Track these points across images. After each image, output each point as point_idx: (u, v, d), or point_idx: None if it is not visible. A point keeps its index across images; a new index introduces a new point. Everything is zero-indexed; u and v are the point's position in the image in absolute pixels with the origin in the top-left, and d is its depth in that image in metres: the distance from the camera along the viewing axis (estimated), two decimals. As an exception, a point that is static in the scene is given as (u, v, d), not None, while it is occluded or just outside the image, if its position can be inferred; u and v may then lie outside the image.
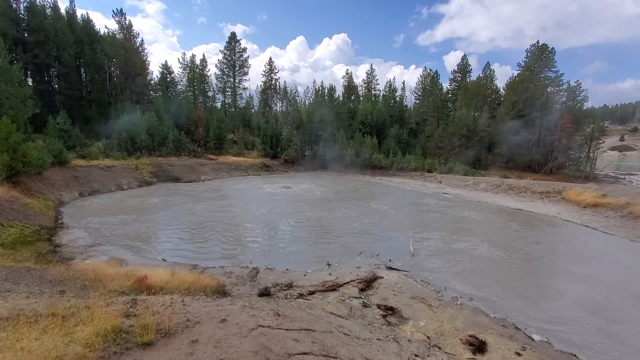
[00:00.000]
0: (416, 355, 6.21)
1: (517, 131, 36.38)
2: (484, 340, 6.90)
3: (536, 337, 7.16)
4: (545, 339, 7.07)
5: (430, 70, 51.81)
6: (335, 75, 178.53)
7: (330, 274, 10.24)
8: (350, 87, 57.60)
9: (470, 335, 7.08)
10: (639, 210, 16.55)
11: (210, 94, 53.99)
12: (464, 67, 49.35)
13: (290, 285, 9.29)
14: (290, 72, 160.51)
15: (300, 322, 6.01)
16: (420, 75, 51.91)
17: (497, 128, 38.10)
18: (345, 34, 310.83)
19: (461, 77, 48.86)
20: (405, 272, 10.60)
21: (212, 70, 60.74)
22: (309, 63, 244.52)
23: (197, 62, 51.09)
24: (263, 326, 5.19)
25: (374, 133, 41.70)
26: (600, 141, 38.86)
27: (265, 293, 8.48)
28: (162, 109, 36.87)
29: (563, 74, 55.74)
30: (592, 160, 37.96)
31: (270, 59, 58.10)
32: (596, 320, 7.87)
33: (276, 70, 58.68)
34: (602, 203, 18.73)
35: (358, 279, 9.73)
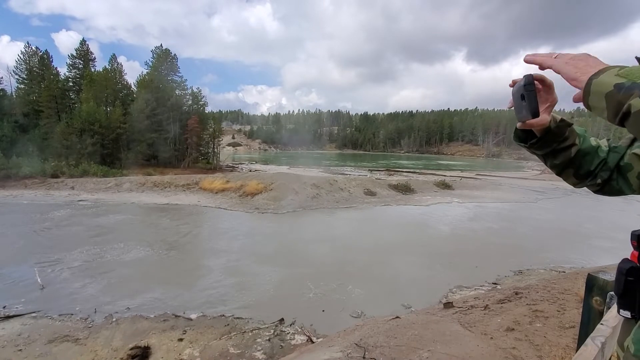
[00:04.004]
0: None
1: (154, 129, 37.69)
2: (146, 345, 6.52)
3: (194, 315, 7.76)
4: (201, 314, 7.85)
5: (37, 48, 40.60)
6: None
7: None
8: None
9: (132, 348, 6.44)
10: (249, 189, 22.62)
11: None
12: (85, 54, 43.27)
13: None
14: None
15: None
16: (23, 52, 39.73)
17: (134, 125, 37.39)
18: None
19: (83, 65, 42.63)
20: (34, 314, 7.83)
21: None
22: None
23: None
24: None
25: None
26: (220, 139, 49.20)
27: None
28: None
29: (187, 79, 63.78)
30: (217, 154, 47.24)
31: None
32: (233, 280, 9.84)
33: None
34: (227, 187, 23.78)
35: None
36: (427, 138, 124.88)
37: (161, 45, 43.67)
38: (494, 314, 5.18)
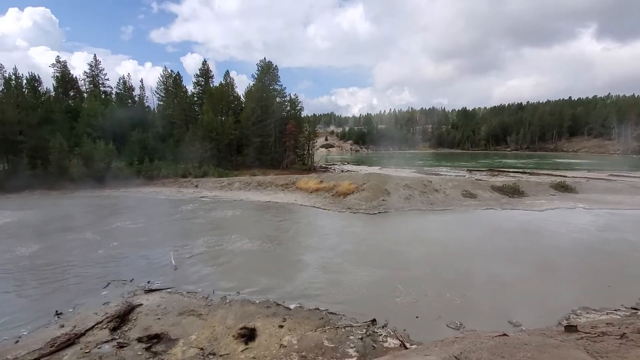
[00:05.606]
0: (191, 375, 5.72)
1: (259, 134, 41.90)
2: (253, 327, 7.35)
3: (292, 305, 8.43)
4: (299, 304, 8.47)
5: (171, 70, 49.81)
6: (33, 61, 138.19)
7: (63, 326, 7.64)
8: (66, 79, 45.58)
9: (241, 328, 7.34)
10: (341, 189, 23.27)
11: None
12: (205, 72, 50.86)
13: (-14, 369, 6.13)
14: None
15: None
16: (161, 75, 48.86)
17: (243, 131, 42.25)
18: (48, 9, 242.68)
19: (205, 82, 50.19)
20: (169, 289, 9.63)
21: None
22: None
23: None
24: None
25: (110, 138, 35.13)
26: (314, 141, 51.68)
27: None
28: None
29: (285, 87, 69.29)
30: (311, 156, 49.79)
31: None
32: (327, 276, 10.31)
33: None
34: (321, 187, 24.91)
35: (107, 318, 7.82)
36: (541, 133, 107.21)
37: (264, 58, 48.20)
38: (633, 345, 4.25)
